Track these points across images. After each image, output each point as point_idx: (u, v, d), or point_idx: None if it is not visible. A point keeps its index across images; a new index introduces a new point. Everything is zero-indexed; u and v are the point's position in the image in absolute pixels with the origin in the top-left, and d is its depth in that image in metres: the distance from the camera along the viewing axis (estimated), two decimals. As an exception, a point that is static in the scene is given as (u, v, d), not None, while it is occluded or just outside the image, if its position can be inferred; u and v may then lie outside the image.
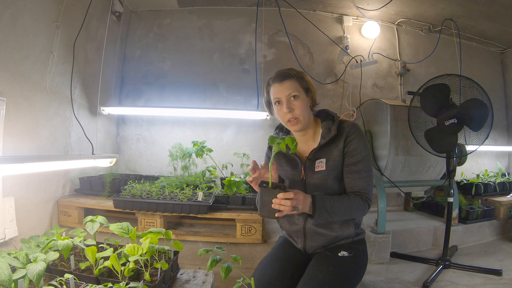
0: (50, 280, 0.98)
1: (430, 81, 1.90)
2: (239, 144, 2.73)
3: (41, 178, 1.70)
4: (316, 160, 1.16)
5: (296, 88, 1.14)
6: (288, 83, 1.13)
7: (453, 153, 1.93)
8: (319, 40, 2.87)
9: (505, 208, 2.55)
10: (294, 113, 1.12)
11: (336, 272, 1.04)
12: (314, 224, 1.16)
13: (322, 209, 1.03)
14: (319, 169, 1.15)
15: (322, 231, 1.17)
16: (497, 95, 3.39)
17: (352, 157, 1.12)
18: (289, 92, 1.12)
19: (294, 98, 1.13)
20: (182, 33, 2.78)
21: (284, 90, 1.13)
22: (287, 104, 1.12)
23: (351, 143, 1.12)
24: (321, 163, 1.15)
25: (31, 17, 1.54)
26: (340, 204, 1.06)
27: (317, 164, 1.16)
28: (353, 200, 1.09)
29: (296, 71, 1.17)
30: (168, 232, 1.23)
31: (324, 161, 1.15)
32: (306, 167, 1.18)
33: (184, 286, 1.16)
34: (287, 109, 1.12)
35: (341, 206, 1.06)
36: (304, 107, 1.14)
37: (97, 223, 1.23)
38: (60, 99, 1.84)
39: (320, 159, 1.15)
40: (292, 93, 1.12)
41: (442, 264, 1.87)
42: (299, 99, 1.13)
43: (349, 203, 1.08)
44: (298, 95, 1.13)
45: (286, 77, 1.14)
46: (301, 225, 1.19)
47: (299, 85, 1.15)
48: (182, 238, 1.76)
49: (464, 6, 2.62)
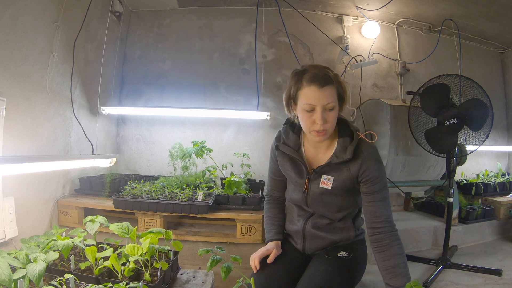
0: (50, 280, 0.98)
1: (430, 81, 1.90)
2: (239, 144, 2.73)
3: (41, 178, 1.70)
4: (323, 175, 1.09)
5: (334, 97, 0.99)
6: (329, 90, 0.98)
7: (453, 153, 1.93)
8: (319, 40, 2.87)
9: (505, 208, 2.55)
10: (326, 125, 0.99)
11: (336, 273, 1.04)
12: (313, 227, 1.16)
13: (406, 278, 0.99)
14: (324, 186, 1.09)
15: (322, 235, 1.15)
16: (497, 95, 3.39)
17: (375, 185, 1.05)
18: (328, 101, 0.98)
19: (330, 110, 0.99)
20: (182, 33, 2.78)
21: (324, 98, 0.97)
22: (321, 115, 0.97)
23: (371, 171, 1.03)
24: (327, 181, 1.08)
25: (31, 17, 1.54)
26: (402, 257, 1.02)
27: (322, 180, 1.09)
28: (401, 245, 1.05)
29: (334, 73, 1.01)
30: (168, 232, 1.23)
31: (331, 179, 1.08)
32: (310, 179, 1.11)
33: (184, 286, 1.16)
34: (321, 121, 0.98)
35: (402, 257, 1.02)
36: (335, 119, 1.02)
37: (97, 223, 1.23)
38: (60, 99, 1.84)
39: (327, 176, 1.08)
40: (331, 103, 0.98)
41: (442, 264, 1.87)
42: (334, 110, 1.00)
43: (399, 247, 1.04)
44: (335, 105, 1.00)
45: (327, 81, 0.97)
46: (301, 227, 1.18)
47: (336, 93, 1.00)
48: (182, 238, 1.75)
49: (464, 6, 2.62)
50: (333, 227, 1.15)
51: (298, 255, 1.20)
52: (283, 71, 2.81)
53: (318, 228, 1.15)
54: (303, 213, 1.20)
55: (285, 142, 1.16)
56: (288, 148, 1.14)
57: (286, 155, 1.16)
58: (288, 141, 1.16)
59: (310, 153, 1.15)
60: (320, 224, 1.16)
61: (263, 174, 2.59)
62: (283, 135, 1.18)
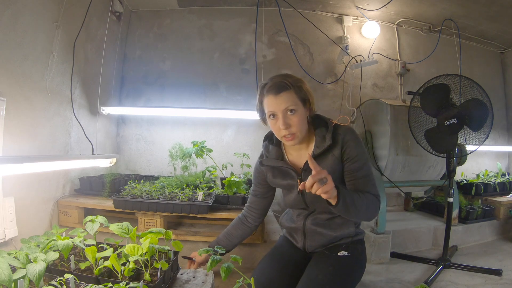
0: (50, 280, 0.98)
1: (430, 81, 1.90)
2: (239, 144, 2.73)
3: (41, 178, 1.70)
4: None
5: (293, 101, 1.02)
6: (285, 96, 1.02)
7: (453, 153, 1.93)
8: (319, 40, 2.87)
9: (505, 208, 2.55)
10: (291, 129, 1.03)
11: (336, 272, 1.05)
12: (313, 223, 1.16)
13: (345, 200, 0.95)
14: None
15: (322, 231, 1.17)
16: (497, 95, 3.39)
17: (355, 163, 1.07)
18: (286, 106, 1.02)
19: (291, 113, 1.02)
20: (182, 33, 2.78)
21: (280, 103, 1.02)
22: (283, 120, 1.02)
23: (351, 149, 1.06)
24: None
25: (31, 17, 1.54)
26: (358, 199, 1.00)
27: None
28: (367, 197, 1.05)
29: (293, 78, 1.06)
30: (168, 232, 1.23)
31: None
32: (302, 179, 1.10)
33: (184, 286, 1.16)
34: (283, 126, 1.02)
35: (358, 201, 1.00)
36: (301, 121, 1.04)
37: (97, 223, 1.23)
38: (60, 99, 1.84)
39: None
40: (289, 107, 1.02)
41: (442, 264, 1.87)
42: (297, 113, 1.03)
43: (365, 200, 1.03)
44: (295, 109, 1.02)
45: (283, 88, 1.02)
46: (301, 225, 1.19)
47: (296, 97, 1.03)
48: (182, 238, 1.76)
49: (464, 6, 2.62)
50: (333, 223, 1.17)
51: (298, 254, 1.20)
52: (283, 71, 2.81)
53: (318, 225, 1.17)
54: (303, 211, 1.21)
55: (268, 156, 1.20)
56: (272, 160, 1.18)
57: (272, 167, 1.19)
58: (270, 155, 1.19)
59: (294, 157, 1.17)
60: (319, 220, 1.17)
61: (263, 174, 2.59)
62: (264, 151, 1.22)
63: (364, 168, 1.08)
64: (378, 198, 1.08)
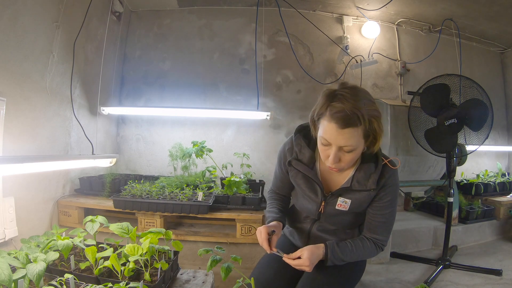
0: (50, 280, 0.98)
1: (430, 81, 1.90)
2: (239, 144, 2.73)
3: (41, 178, 1.70)
4: (339, 197, 1.03)
5: (357, 140, 0.87)
6: (351, 133, 0.85)
7: (453, 153, 1.93)
8: (319, 40, 2.87)
9: (505, 208, 2.55)
10: (339, 164, 0.92)
11: (335, 272, 1.04)
12: (319, 230, 1.14)
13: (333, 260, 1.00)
14: (340, 208, 1.04)
15: (327, 237, 1.13)
16: (497, 95, 3.39)
17: (382, 207, 1.02)
18: (346, 145, 0.87)
19: (348, 152, 0.89)
20: (182, 33, 2.78)
21: (341, 140, 0.86)
22: (335, 154, 0.89)
23: (385, 194, 1.00)
24: (344, 203, 1.03)
25: (31, 17, 1.54)
26: (352, 253, 1.02)
27: (339, 202, 1.03)
28: (366, 248, 1.04)
29: (370, 109, 0.85)
30: (168, 232, 1.23)
31: (349, 202, 1.03)
32: (327, 201, 1.05)
33: (184, 286, 1.16)
34: (333, 160, 0.89)
35: (353, 255, 1.02)
36: (355, 159, 0.93)
37: (97, 223, 1.23)
38: (60, 99, 1.84)
39: (344, 199, 1.03)
40: (349, 146, 0.87)
41: (442, 264, 1.87)
42: (354, 152, 0.90)
43: (363, 251, 1.03)
44: (355, 149, 0.89)
45: (351, 123, 0.83)
46: (307, 227, 1.16)
47: (362, 135, 0.87)
48: (182, 238, 1.76)
49: (464, 6, 2.62)
50: (340, 232, 1.14)
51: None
52: (283, 71, 2.82)
53: (325, 231, 1.14)
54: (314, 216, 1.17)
55: (298, 157, 1.07)
56: (302, 165, 1.06)
57: (299, 172, 1.07)
58: (302, 157, 1.06)
59: (326, 171, 1.06)
60: (327, 228, 1.14)
61: (263, 174, 2.59)
62: (296, 148, 1.07)
63: (388, 214, 1.03)
64: (382, 244, 1.06)
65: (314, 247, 0.99)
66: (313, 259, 0.96)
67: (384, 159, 1.00)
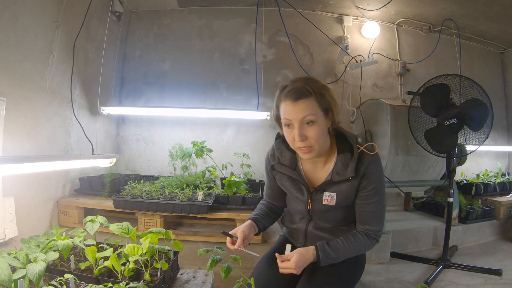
0: (50, 280, 0.98)
1: (430, 81, 1.90)
2: (239, 144, 2.73)
3: (41, 178, 1.70)
4: (324, 192, 1.05)
5: (313, 110, 0.92)
6: (304, 104, 0.92)
7: (453, 153, 1.93)
8: (319, 40, 2.87)
9: (505, 208, 2.55)
10: (308, 141, 0.94)
11: (335, 272, 1.04)
12: (315, 228, 1.15)
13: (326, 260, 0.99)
14: (327, 203, 1.05)
15: (324, 235, 1.14)
16: (497, 95, 3.39)
17: (368, 196, 1.02)
18: (304, 115, 0.91)
19: (310, 124, 0.93)
20: (182, 33, 2.78)
21: (298, 112, 0.92)
22: (299, 131, 0.93)
23: (368, 182, 1.00)
24: (330, 198, 1.05)
25: (31, 17, 1.54)
26: (346, 250, 1.01)
27: (325, 197, 1.05)
28: (360, 242, 1.03)
29: (317, 84, 0.94)
30: (168, 232, 1.23)
31: (334, 195, 1.04)
32: (312, 198, 1.07)
33: (184, 286, 1.16)
34: (299, 137, 0.93)
35: (347, 251, 1.01)
36: (320, 134, 0.94)
37: (97, 223, 1.23)
38: (60, 99, 1.84)
39: (329, 193, 1.04)
40: (308, 117, 0.92)
41: (442, 264, 1.87)
42: (316, 124, 0.93)
43: (356, 246, 1.03)
44: (314, 120, 0.92)
45: (302, 94, 0.92)
46: (303, 227, 1.17)
47: (317, 106, 0.93)
48: (182, 238, 1.76)
49: (464, 6, 2.62)
50: (336, 229, 1.14)
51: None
52: (283, 71, 2.81)
53: (321, 230, 1.14)
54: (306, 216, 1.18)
55: (280, 161, 1.11)
56: (284, 167, 1.10)
57: (284, 174, 1.11)
58: (283, 160, 1.11)
59: (309, 169, 1.09)
60: (323, 226, 1.15)
61: (263, 174, 2.58)
62: (277, 153, 1.12)
63: (376, 202, 1.02)
64: (375, 235, 1.05)
65: (304, 250, 0.99)
66: (301, 262, 0.95)
67: (360, 146, 1.01)
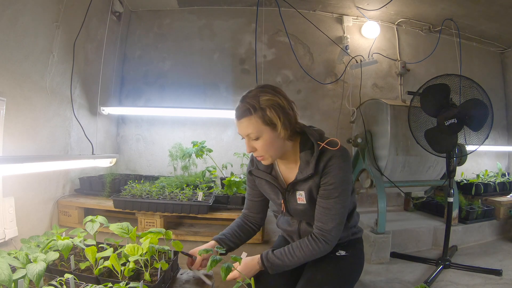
0: (50, 280, 0.98)
1: (430, 81, 1.90)
2: (239, 144, 2.73)
3: (41, 178, 1.70)
4: (297, 191, 1.07)
5: (256, 127, 0.95)
6: (246, 123, 0.96)
7: (453, 153, 1.93)
8: (319, 40, 2.87)
9: (505, 208, 2.55)
10: (258, 152, 1.00)
11: (334, 272, 1.05)
12: (308, 225, 1.14)
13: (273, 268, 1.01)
14: (300, 202, 1.07)
15: None
16: (497, 95, 3.39)
17: (327, 192, 0.99)
18: (247, 133, 0.97)
19: (255, 139, 0.98)
20: (182, 33, 2.78)
21: (242, 129, 0.99)
22: (248, 144, 1.00)
23: (328, 178, 0.98)
24: (301, 196, 1.06)
25: (31, 17, 1.54)
26: (292, 256, 1.00)
27: (298, 197, 1.07)
28: (306, 248, 1.00)
29: (261, 99, 0.94)
30: (168, 232, 1.22)
31: (303, 194, 1.05)
32: (286, 199, 1.10)
33: (184, 286, 1.16)
34: (248, 150, 1.00)
35: (295, 257, 1.00)
36: (268, 146, 0.98)
37: (97, 223, 1.23)
38: (60, 99, 1.84)
39: (300, 191, 1.06)
40: (251, 134, 0.97)
41: (442, 264, 1.87)
42: (262, 138, 0.97)
43: (303, 253, 1.00)
44: (259, 135, 0.96)
45: (243, 114, 0.96)
46: (296, 227, 1.17)
47: (261, 122, 0.95)
48: (182, 238, 1.76)
49: (464, 6, 2.62)
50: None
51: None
52: (283, 71, 2.82)
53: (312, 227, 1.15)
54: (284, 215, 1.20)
55: (258, 167, 1.15)
56: (261, 172, 1.14)
57: (262, 179, 1.15)
58: (260, 165, 1.14)
59: (284, 171, 1.12)
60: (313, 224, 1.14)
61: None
62: (255, 159, 1.14)
63: (334, 200, 0.98)
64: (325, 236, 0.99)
65: (250, 259, 1.03)
66: (246, 271, 0.99)
67: (321, 143, 1.01)
